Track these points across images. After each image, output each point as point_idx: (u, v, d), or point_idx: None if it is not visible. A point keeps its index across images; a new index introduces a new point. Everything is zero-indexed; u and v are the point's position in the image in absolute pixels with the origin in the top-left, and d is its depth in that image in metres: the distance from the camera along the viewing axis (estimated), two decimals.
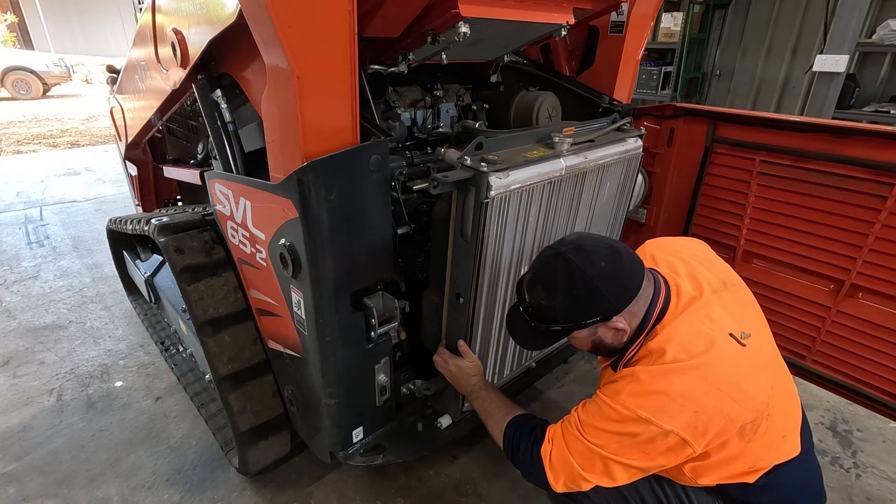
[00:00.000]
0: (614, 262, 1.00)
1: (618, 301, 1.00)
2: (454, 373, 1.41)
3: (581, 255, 0.99)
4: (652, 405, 0.94)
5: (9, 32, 15.62)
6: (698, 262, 1.17)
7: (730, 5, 5.52)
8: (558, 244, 1.04)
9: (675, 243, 1.28)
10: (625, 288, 1.00)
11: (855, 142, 1.46)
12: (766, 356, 1.07)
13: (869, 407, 1.66)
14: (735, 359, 0.98)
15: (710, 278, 1.12)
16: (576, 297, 1.00)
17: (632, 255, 1.04)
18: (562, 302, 1.02)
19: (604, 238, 1.05)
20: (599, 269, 0.98)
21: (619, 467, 0.98)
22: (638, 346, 1.05)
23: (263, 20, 0.95)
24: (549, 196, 1.39)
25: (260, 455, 1.65)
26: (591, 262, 0.98)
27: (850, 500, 1.77)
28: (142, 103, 2.13)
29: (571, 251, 1.00)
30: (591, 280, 0.98)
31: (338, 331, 1.25)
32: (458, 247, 1.33)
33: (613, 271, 0.99)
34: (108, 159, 6.22)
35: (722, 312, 1.05)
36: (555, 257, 1.02)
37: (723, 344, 0.98)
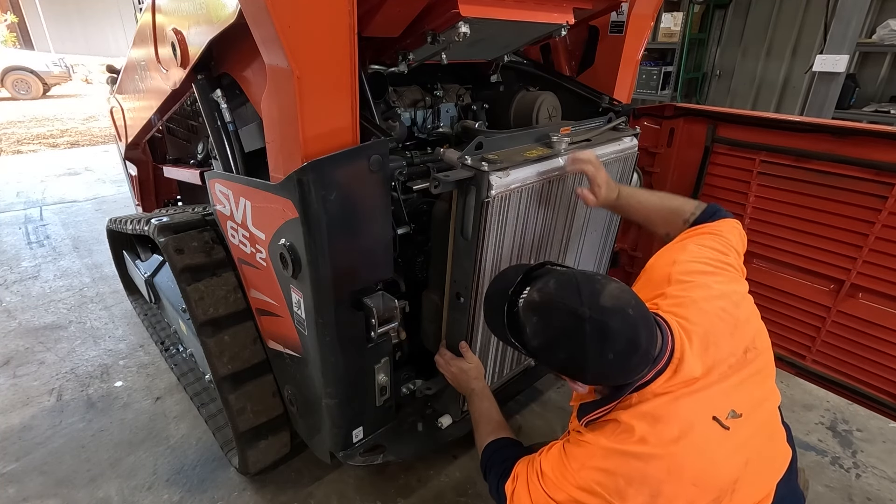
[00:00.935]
0: (623, 359, 0.88)
1: (593, 381, 0.94)
2: (455, 374, 1.41)
3: (597, 337, 0.86)
4: (609, 484, 0.89)
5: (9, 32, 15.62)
6: (724, 321, 1.00)
7: (730, 5, 5.52)
8: (589, 298, 0.88)
9: (704, 296, 1.04)
10: (612, 378, 0.93)
11: (855, 142, 1.46)
12: (751, 434, 0.97)
13: (869, 407, 1.66)
14: (708, 446, 0.90)
15: (728, 348, 0.98)
16: (556, 356, 0.93)
17: (647, 354, 0.90)
18: (544, 348, 0.94)
19: (638, 323, 0.88)
20: (603, 358, 0.87)
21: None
22: (608, 410, 0.96)
23: (263, 20, 0.95)
24: (548, 195, 1.40)
25: (260, 455, 1.65)
26: (603, 348, 0.86)
27: (850, 500, 1.77)
28: (142, 103, 2.13)
29: (594, 326, 0.86)
30: (584, 359, 0.88)
31: (338, 331, 1.25)
32: (458, 246, 1.33)
33: (615, 366, 0.89)
34: (108, 159, 6.22)
35: (718, 396, 0.94)
36: (573, 317, 0.87)
37: (699, 431, 0.90)
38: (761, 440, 1.01)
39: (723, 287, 1.06)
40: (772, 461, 1.05)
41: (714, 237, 1.18)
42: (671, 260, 1.13)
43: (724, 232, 1.20)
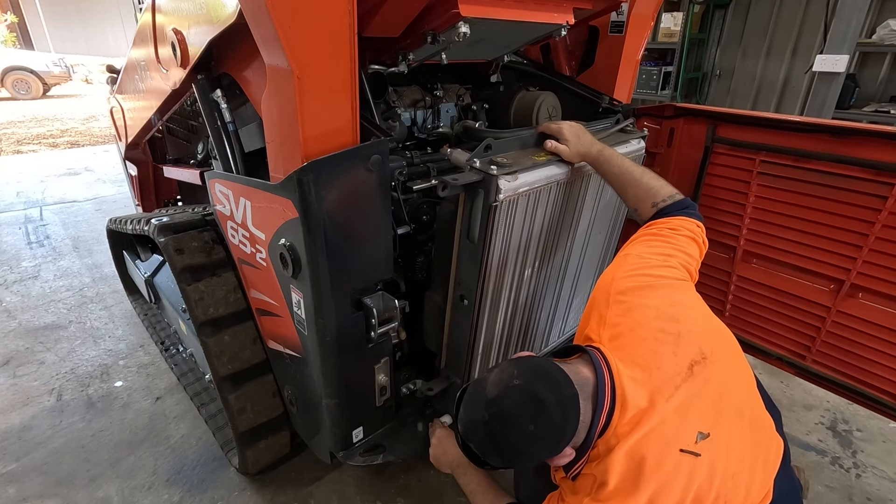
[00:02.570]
0: (543, 422, 0.89)
1: (552, 453, 0.95)
2: (438, 456, 1.43)
3: (505, 424, 0.90)
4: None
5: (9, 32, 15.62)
6: (663, 341, 0.99)
7: (730, 5, 5.52)
8: (479, 401, 0.94)
9: (636, 321, 1.03)
10: (557, 441, 0.92)
11: (855, 142, 1.46)
12: (726, 446, 0.96)
13: (869, 407, 1.66)
14: (685, 480, 0.90)
15: (672, 368, 0.97)
16: (510, 459, 0.98)
17: (562, 400, 0.91)
18: (497, 460, 0.98)
19: (530, 385, 0.91)
20: (528, 435, 0.89)
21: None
22: (582, 465, 0.98)
23: (263, 20, 0.95)
24: (554, 198, 1.39)
25: (260, 455, 1.65)
26: (518, 429, 0.90)
27: (850, 500, 1.78)
28: (142, 103, 2.13)
29: (495, 419, 0.90)
30: (520, 447, 0.91)
31: (338, 331, 1.25)
32: (463, 249, 1.32)
33: (543, 432, 0.90)
34: (108, 159, 6.22)
35: (676, 422, 0.93)
36: (481, 426, 0.93)
37: (672, 467, 0.90)
38: (742, 446, 0.99)
39: (659, 301, 1.05)
40: (764, 460, 1.04)
41: (663, 240, 1.16)
42: (611, 277, 1.12)
43: (676, 233, 1.17)
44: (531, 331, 1.69)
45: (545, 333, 1.80)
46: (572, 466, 0.99)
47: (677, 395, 0.94)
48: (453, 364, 1.53)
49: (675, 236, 1.17)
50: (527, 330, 1.66)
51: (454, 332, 1.47)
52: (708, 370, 0.98)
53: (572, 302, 1.83)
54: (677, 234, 1.17)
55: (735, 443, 0.98)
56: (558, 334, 1.90)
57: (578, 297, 1.86)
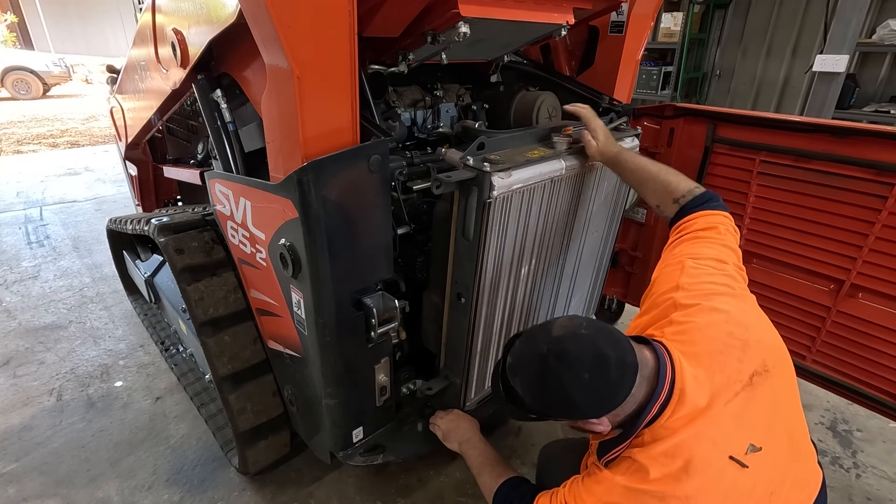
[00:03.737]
0: (599, 374, 0.89)
1: (595, 411, 0.93)
2: (445, 429, 1.44)
3: (562, 363, 0.90)
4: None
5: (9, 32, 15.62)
6: (731, 347, 0.98)
7: (730, 5, 5.53)
8: (543, 337, 0.94)
9: (706, 323, 1.02)
10: (607, 400, 0.91)
11: (855, 142, 1.46)
12: (773, 465, 0.95)
13: (869, 407, 1.66)
14: (726, 487, 0.89)
15: (734, 375, 0.95)
16: (550, 403, 0.95)
17: (623, 362, 0.90)
18: (537, 400, 0.96)
19: (595, 337, 0.91)
20: (580, 381, 0.89)
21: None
22: (623, 448, 0.96)
23: (263, 20, 0.95)
24: (549, 195, 1.40)
25: (260, 455, 1.65)
26: (573, 372, 0.89)
27: (850, 500, 1.78)
28: (142, 103, 2.13)
29: (554, 356, 0.90)
30: (567, 392, 0.90)
31: (338, 331, 1.25)
32: (459, 247, 1.33)
33: (596, 385, 0.89)
34: (108, 159, 6.22)
35: (730, 428, 0.92)
36: (536, 358, 0.93)
37: (715, 471, 0.89)
38: (787, 468, 0.97)
39: (730, 307, 1.03)
40: (801, 488, 1.01)
41: (709, 243, 1.14)
42: (674, 285, 1.09)
43: (719, 232, 1.16)
44: None
45: None
46: (612, 449, 0.98)
47: (735, 401, 0.93)
48: (452, 364, 1.53)
49: (715, 237, 1.15)
50: (525, 328, 1.66)
51: (452, 331, 1.47)
52: (767, 384, 0.96)
53: (571, 299, 1.83)
54: (716, 232, 1.15)
55: (781, 463, 0.96)
56: None
57: (577, 295, 1.86)
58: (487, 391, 1.66)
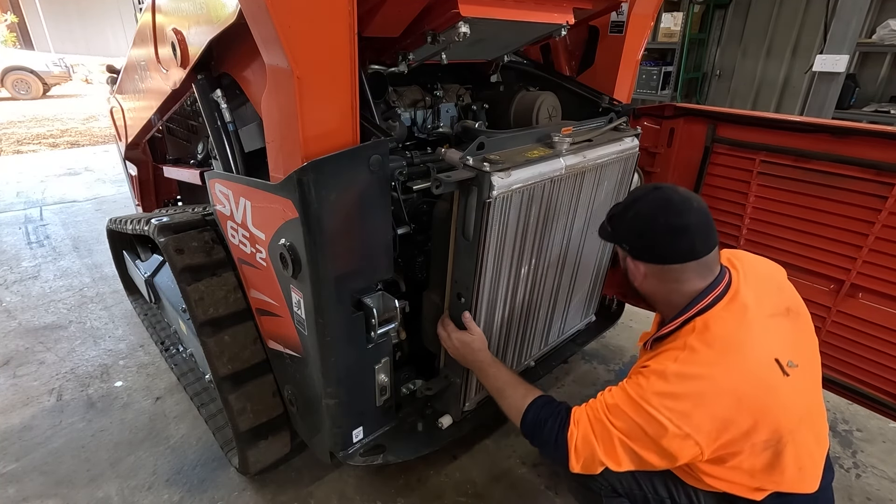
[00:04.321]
0: (675, 226, 1.04)
1: (653, 247, 1.07)
2: (458, 347, 1.39)
3: (663, 203, 1.06)
4: (677, 408, 0.95)
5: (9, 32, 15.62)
6: (771, 281, 1.17)
7: (730, 5, 5.52)
8: (665, 185, 1.12)
9: (754, 259, 1.23)
10: (667, 248, 1.05)
11: (855, 142, 1.46)
12: (807, 390, 1.07)
13: (869, 407, 1.65)
14: (772, 383, 0.98)
15: (775, 301, 1.11)
16: (634, 221, 1.10)
17: (715, 238, 1.05)
18: (624, 213, 1.13)
19: (699, 205, 1.06)
20: (660, 224, 1.05)
21: (633, 456, 1.01)
22: (673, 328, 1.08)
23: (263, 20, 0.95)
24: (548, 195, 1.40)
25: (260, 455, 1.65)
26: (666, 212, 1.05)
27: (850, 500, 1.77)
28: (142, 103, 2.13)
29: (662, 192, 1.08)
30: (652, 221, 1.06)
31: (338, 331, 1.25)
32: (459, 246, 1.33)
33: (670, 234, 1.04)
34: (108, 159, 6.22)
35: (774, 337, 1.04)
36: (650, 188, 1.11)
37: (763, 367, 0.98)
38: (811, 405, 1.08)
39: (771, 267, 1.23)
40: (820, 435, 1.10)
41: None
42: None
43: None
44: (530, 329, 1.69)
45: (544, 332, 1.80)
46: (666, 337, 1.10)
47: (775, 320, 1.07)
48: (452, 364, 1.53)
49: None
50: (525, 328, 1.67)
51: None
52: (797, 324, 1.12)
53: (571, 299, 1.83)
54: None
55: (810, 393, 1.08)
56: (558, 333, 1.90)
57: (577, 295, 1.85)
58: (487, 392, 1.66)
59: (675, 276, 1.07)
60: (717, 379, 0.96)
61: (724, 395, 0.95)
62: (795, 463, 1.03)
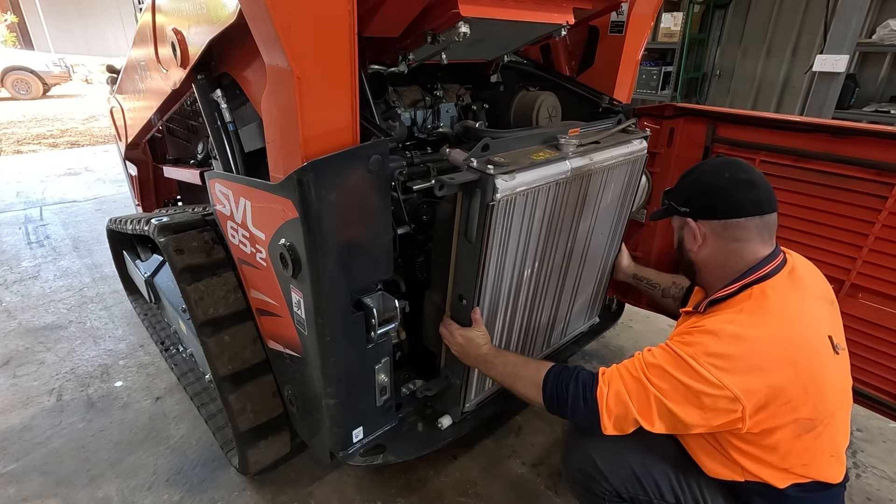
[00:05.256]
0: (740, 182, 1.06)
1: (713, 199, 1.09)
2: (462, 344, 1.38)
3: (728, 164, 1.10)
4: (727, 368, 0.93)
5: (9, 32, 15.62)
6: (816, 272, 1.18)
7: (730, 5, 5.53)
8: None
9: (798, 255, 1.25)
10: (729, 203, 1.07)
11: (855, 142, 1.46)
12: (847, 376, 1.08)
13: (869, 407, 1.65)
14: (825, 358, 0.98)
15: (823, 288, 1.15)
16: (696, 182, 1.13)
17: (759, 198, 1.06)
18: (689, 176, 1.15)
19: (759, 175, 1.09)
20: (724, 180, 1.07)
21: (668, 416, 0.99)
22: (730, 293, 1.07)
23: (263, 20, 0.95)
24: (553, 198, 1.38)
25: (260, 455, 1.65)
26: (733, 171, 1.07)
27: (850, 501, 1.77)
28: (142, 103, 2.13)
29: (727, 160, 1.14)
30: (715, 180, 1.09)
31: (338, 331, 1.25)
32: (462, 249, 1.32)
33: (733, 190, 1.06)
34: (108, 159, 6.22)
35: (825, 316, 1.06)
36: (709, 159, 1.21)
37: (818, 339, 0.99)
38: (847, 393, 1.07)
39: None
40: (847, 425, 1.09)
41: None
42: None
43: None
44: (532, 332, 1.69)
45: (546, 335, 1.79)
46: (722, 300, 1.09)
47: (824, 304, 1.10)
48: (453, 364, 1.53)
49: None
50: (527, 331, 1.66)
51: None
52: (836, 315, 1.13)
53: (574, 303, 1.82)
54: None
55: (847, 379, 1.08)
56: (560, 336, 1.89)
57: (581, 298, 1.85)
58: (487, 392, 1.66)
59: (737, 233, 1.07)
60: (774, 344, 0.95)
61: (779, 361, 0.93)
62: (830, 448, 1.03)
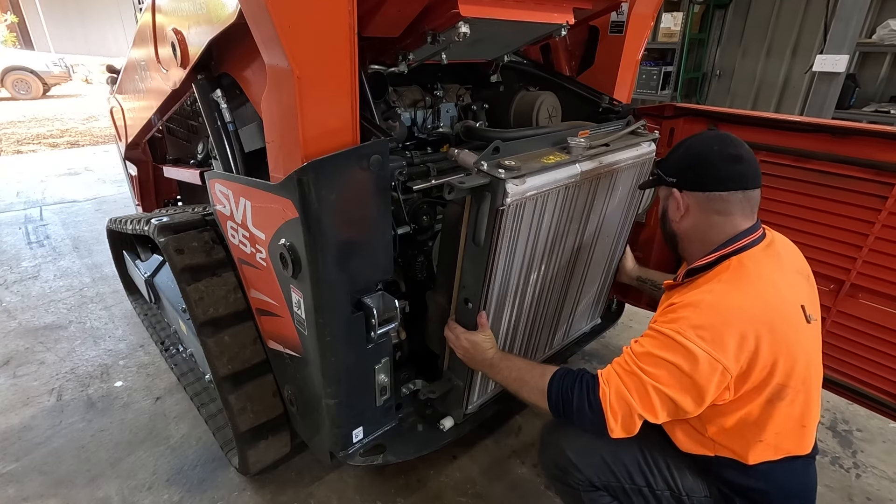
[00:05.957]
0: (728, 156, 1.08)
1: (693, 182, 1.11)
2: (468, 348, 1.37)
3: (718, 138, 1.11)
4: (708, 337, 0.97)
5: (9, 32, 15.62)
6: (794, 248, 1.23)
7: (730, 5, 5.53)
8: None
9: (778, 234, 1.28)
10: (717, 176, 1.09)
11: (855, 142, 1.46)
12: (818, 346, 1.12)
13: (869, 407, 1.66)
14: (798, 325, 1.03)
15: (799, 263, 1.20)
16: (685, 154, 1.15)
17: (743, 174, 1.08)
18: (678, 149, 1.17)
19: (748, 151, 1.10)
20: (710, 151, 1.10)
21: (668, 403, 1.01)
22: (709, 262, 1.10)
23: (263, 20, 0.95)
24: (562, 201, 1.36)
25: (260, 455, 1.65)
26: (722, 147, 1.09)
27: (850, 500, 1.77)
28: (142, 103, 2.13)
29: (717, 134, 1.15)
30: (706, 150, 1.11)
31: (338, 331, 1.25)
32: (469, 252, 1.31)
33: (721, 164, 1.08)
34: (108, 159, 6.22)
35: (799, 287, 1.10)
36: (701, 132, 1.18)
37: (791, 309, 1.03)
38: (818, 363, 1.10)
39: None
40: (817, 395, 1.11)
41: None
42: None
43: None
44: (535, 334, 1.69)
45: (549, 337, 1.79)
46: (700, 271, 1.12)
47: (800, 278, 1.15)
48: (456, 366, 1.53)
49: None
50: (531, 333, 1.66)
51: None
52: (813, 291, 1.18)
53: (577, 305, 1.82)
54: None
55: (818, 349, 1.12)
56: (563, 337, 1.89)
57: (584, 300, 1.84)
58: (490, 394, 1.66)
59: (719, 206, 1.10)
60: (752, 310, 0.99)
61: (759, 326, 0.97)
62: (801, 418, 1.06)
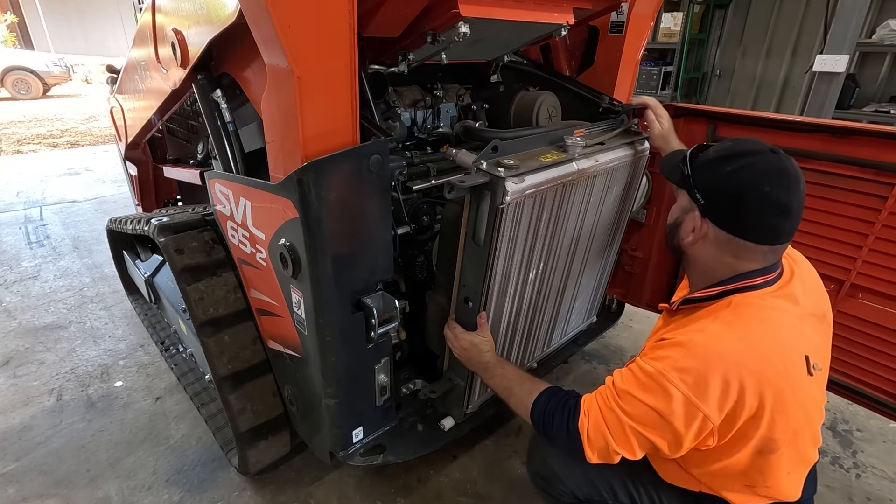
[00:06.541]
0: (776, 201, 0.93)
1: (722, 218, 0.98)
2: (466, 349, 1.37)
3: (774, 169, 0.94)
4: (691, 382, 0.90)
5: (9, 32, 15.62)
6: (818, 285, 1.13)
7: (730, 5, 5.53)
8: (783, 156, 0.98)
9: (806, 261, 1.18)
10: (749, 226, 0.96)
11: (855, 142, 1.46)
12: (821, 395, 1.06)
13: (869, 407, 1.66)
14: (796, 377, 0.95)
15: (818, 302, 1.09)
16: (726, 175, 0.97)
17: (785, 217, 0.95)
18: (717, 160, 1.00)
19: (802, 191, 0.96)
20: (763, 192, 0.93)
21: (644, 442, 0.97)
22: (709, 295, 1.01)
23: (263, 20, 0.95)
24: (559, 199, 1.37)
25: (260, 455, 1.65)
26: (773, 182, 0.93)
27: (850, 500, 1.77)
28: (142, 103, 2.13)
29: (776, 158, 0.95)
30: (749, 182, 0.94)
31: (338, 331, 1.25)
32: (469, 251, 1.31)
33: (764, 207, 0.93)
34: (108, 159, 6.22)
35: (809, 333, 1.01)
36: (759, 146, 0.97)
37: (792, 360, 0.95)
38: (816, 410, 1.05)
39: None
40: (814, 442, 1.08)
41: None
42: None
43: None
44: (534, 332, 1.69)
45: (548, 335, 1.79)
46: (699, 301, 1.04)
47: (813, 320, 1.04)
48: (456, 366, 1.53)
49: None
50: (530, 331, 1.66)
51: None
52: (826, 331, 1.10)
53: (574, 303, 1.82)
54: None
55: (821, 399, 1.06)
56: (560, 335, 1.89)
57: (581, 297, 1.85)
58: (490, 393, 1.66)
59: (739, 252, 0.99)
60: (744, 358, 0.91)
61: (743, 371, 0.89)
62: (788, 466, 1.01)
